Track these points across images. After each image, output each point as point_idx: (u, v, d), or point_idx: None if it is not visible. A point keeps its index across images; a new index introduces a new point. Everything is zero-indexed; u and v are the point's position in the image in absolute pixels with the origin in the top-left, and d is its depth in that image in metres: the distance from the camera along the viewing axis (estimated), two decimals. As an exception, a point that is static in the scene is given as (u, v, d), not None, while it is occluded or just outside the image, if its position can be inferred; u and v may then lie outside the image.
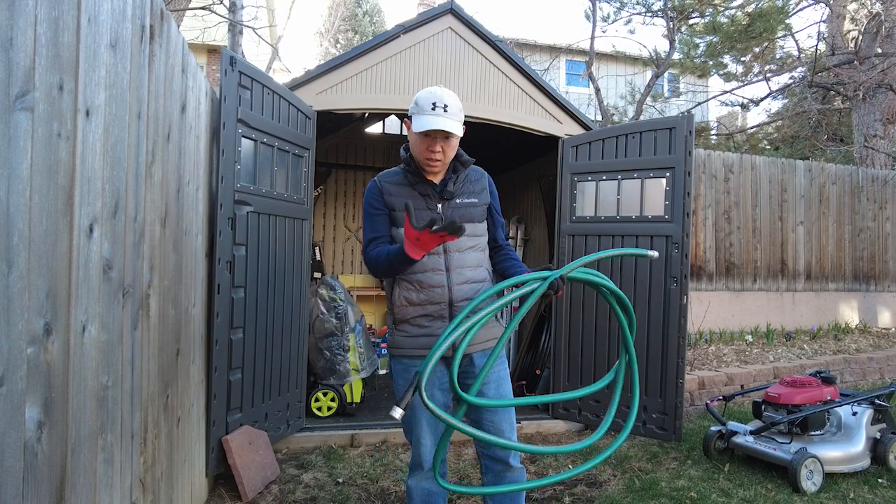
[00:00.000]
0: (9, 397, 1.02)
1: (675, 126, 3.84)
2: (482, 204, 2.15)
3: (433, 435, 2.06)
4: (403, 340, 2.07)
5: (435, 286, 2.02)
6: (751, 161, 6.62)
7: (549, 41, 14.66)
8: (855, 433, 3.39)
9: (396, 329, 2.09)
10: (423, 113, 1.94)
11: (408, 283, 2.04)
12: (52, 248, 1.16)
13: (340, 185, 6.66)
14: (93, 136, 1.34)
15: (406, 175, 2.09)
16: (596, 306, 4.06)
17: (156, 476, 1.97)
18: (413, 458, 2.12)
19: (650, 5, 9.43)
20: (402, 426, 2.16)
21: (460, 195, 2.09)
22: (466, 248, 2.08)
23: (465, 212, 2.08)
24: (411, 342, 2.05)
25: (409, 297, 2.03)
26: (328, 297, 4.29)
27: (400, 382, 2.09)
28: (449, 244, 2.03)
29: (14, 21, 1.02)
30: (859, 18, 8.98)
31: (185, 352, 2.38)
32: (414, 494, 2.11)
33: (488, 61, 4.25)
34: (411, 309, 2.04)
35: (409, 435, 2.11)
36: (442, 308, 2.03)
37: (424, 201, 2.05)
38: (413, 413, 2.04)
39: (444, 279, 2.03)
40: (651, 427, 3.84)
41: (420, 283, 2.02)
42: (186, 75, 2.24)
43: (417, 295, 2.02)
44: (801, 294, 6.83)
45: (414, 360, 2.04)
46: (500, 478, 2.11)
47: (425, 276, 2.02)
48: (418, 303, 2.03)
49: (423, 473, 2.10)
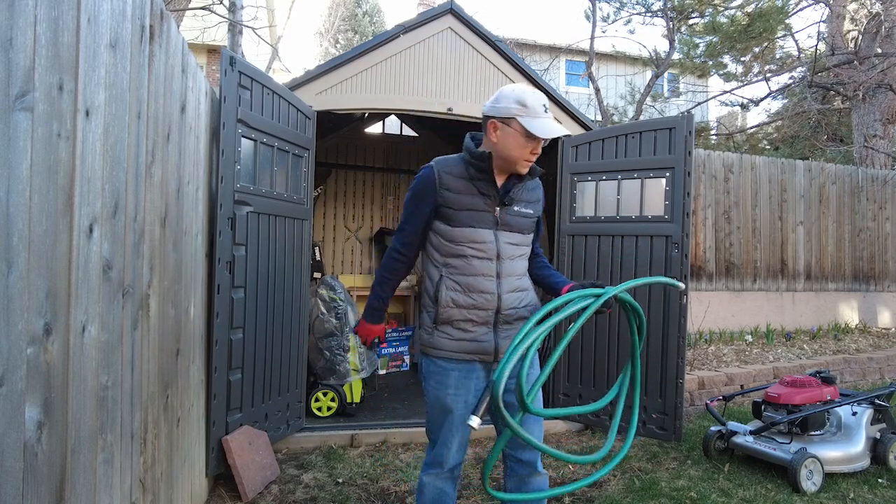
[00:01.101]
0: (8, 397, 1.02)
1: (675, 126, 3.84)
2: (535, 215, 2.11)
3: (461, 438, 2.04)
4: (445, 342, 2.00)
5: (485, 292, 1.97)
6: (751, 161, 6.62)
7: (548, 41, 14.66)
8: (855, 433, 3.39)
9: (437, 329, 2.01)
10: (539, 116, 1.90)
11: (456, 285, 1.98)
12: (51, 248, 1.16)
13: (340, 185, 6.66)
14: (93, 136, 1.34)
15: (469, 168, 1.99)
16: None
17: (156, 476, 1.97)
18: (434, 456, 2.07)
19: (650, 5, 9.43)
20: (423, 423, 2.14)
21: (518, 203, 2.03)
22: (517, 256, 2.05)
23: (519, 221, 2.04)
24: (453, 345, 1.99)
25: (455, 299, 1.97)
26: (328, 297, 4.29)
27: (432, 384, 2.03)
28: (501, 251, 1.99)
29: (14, 21, 1.02)
30: (859, 18, 8.98)
31: (184, 352, 2.38)
32: (426, 491, 2.07)
33: (488, 61, 4.25)
34: (456, 311, 1.97)
35: (435, 433, 2.07)
36: (489, 315, 1.99)
37: (483, 201, 1.98)
38: (444, 412, 2.01)
39: (494, 286, 1.98)
40: (651, 427, 3.84)
41: (469, 286, 1.97)
42: (186, 75, 2.24)
43: (465, 298, 1.97)
44: (800, 294, 6.83)
45: (451, 362, 1.99)
46: (524, 482, 2.11)
47: (476, 280, 1.97)
48: (465, 306, 1.97)
49: (442, 473, 2.06)
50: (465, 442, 2.06)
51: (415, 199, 2.02)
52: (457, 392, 1.99)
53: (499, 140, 1.94)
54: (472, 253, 1.97)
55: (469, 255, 1.97)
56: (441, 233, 2.00)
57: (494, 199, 1.99)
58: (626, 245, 3.97)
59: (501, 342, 2.01)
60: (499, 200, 2.00)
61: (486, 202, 1.98)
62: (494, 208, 1.99)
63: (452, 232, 1.97)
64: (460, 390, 2.00)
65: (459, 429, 2.01)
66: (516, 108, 1.90)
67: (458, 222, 1.96)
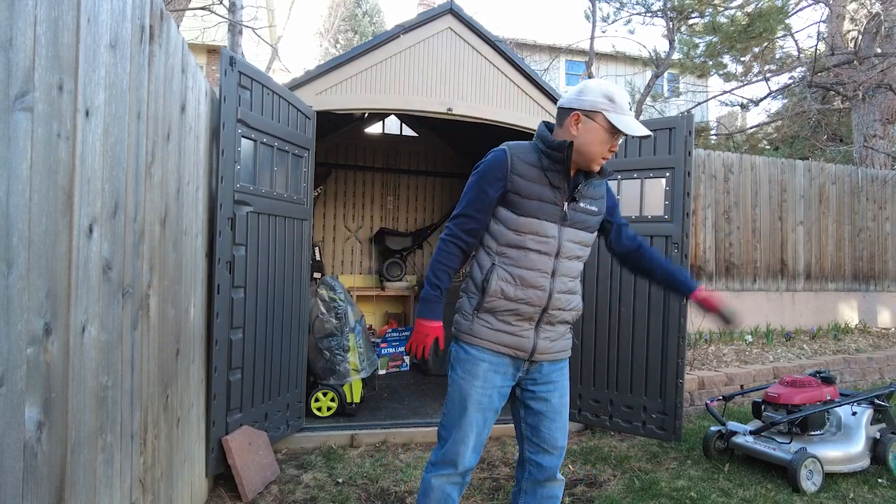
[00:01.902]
0: (8, 397, 1.02)
1: (675, 126, 3.84)
2: (600, 213, 2.04)
3: (478, 436, 1.95)
4: (484, 331, 1.92)
5: (537, 288, 1.90)
6: (750, 161, 6.62)
7: (548, 41, 14.67)
8: (855, 433, 3.39)
9: (477, 316, 1.93)
10: (625, 112, 1.86)
11: (508, 276, 1.89)
12: (51, 248, 1.16)
13: (340, 185, 6.66)
14: (92, 137, 1.34)
15: (542, 158, 1.90)
16: (595, 304, 4.06)
17: (155, 476, 1.97)
18: (446, 453, 1.96)
19: (650, 5, 9.43)
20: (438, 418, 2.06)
21: (585, 199, 1.96)
22: (575, 256, 1.97)
23: (585, 219, 1.97)
24: (492, 335, 1.92)
25: (506, 291, 1.89)
26: (328, 297, 4.29)
27: (459, 372, 1.95)
28: (562, 248, 1.92)
29: (14, 21, 1.02)
30: (859, 18, 8.98)
31: (184, 352, 2.38)
32: (433, 494, 1.97)
33: (488, 61, 4.25)
34: (503, 302, 1.90)
35: (449, 428, 1.96)
36: (536, 311, 1.92)
37: (553, 194, 1.90)
38: (464, 404, 1.93)
39: (547, 283, 1.91)
40: (651, 427, 3.84)
41: (522, 279, 1.89)
42: (186, 75, 2.24)
43: (516, 291, 1.89)
44: (800, 294, 6.83)
45: (484, 352, 1.93)
46: (540, 485, 2.05)
47: (531, 274, 1.89)
48: (514, 298, 1.89)
49: (454, 475, 1.96)
50: (481, 444, 1.98)
51: (483, 180, 1.90)
52: (483, 385, 1.93)
53: (580, 133, 1.87)
54: (533, 245, 1.89)
55: (529, 248, 1.89)
56: (503, 220, 1.91)
57: (564, 193, 1.91)
58: (625, 245, 3.97)
59: (541, 342, 1.95)
60: (568, 195, 1.92)
61: (555, 195, 1.90)
62: (563, 203, 1.91)
63: (518, 220, 1.88)
64: (487, 384, 1.93)
65: (478, 425, 1.94)
66: (604, 102, 1.85)
67: (525, 211, 1.88)
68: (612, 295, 4.00)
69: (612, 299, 4.01)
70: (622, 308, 3.96)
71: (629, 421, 3.91)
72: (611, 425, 4.01)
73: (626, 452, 3.72)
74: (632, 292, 3.91)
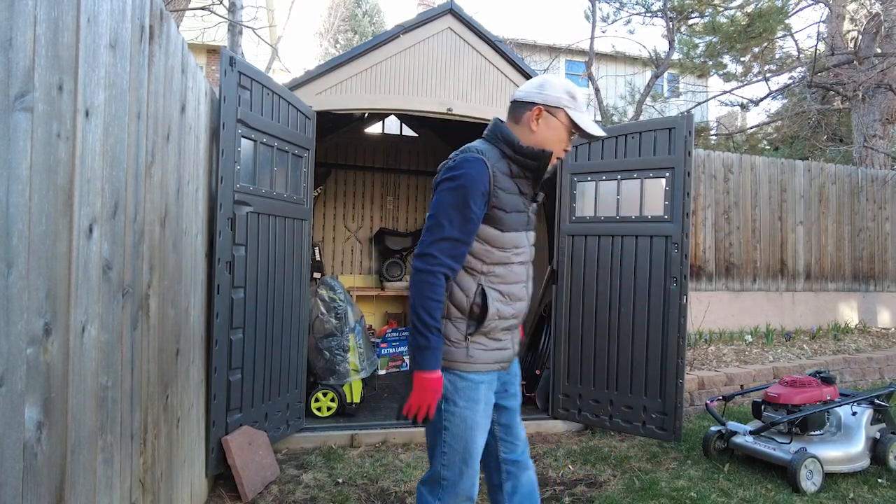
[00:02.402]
0: (8, 397, 1.02)
1: (675, 126, 3.84)
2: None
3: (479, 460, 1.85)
4: (481, 354, 1.79)
5: (522, 299, 1.84)
6: (750, 161, 6.62)
7: (548, 41, 14.66)
8: (854, 433, 3.39)
9: (472, 341, 1.76)
10: (584, 111, 1.80)
11: (500, 295, 1.77)
12: (51, 248, 1.16)
13: (340, 185, 6.66)
14: (92, 137, 1.34)
15: (510, 165, 1.76)
16: (595, 304, 4.06)
17: (155, 476, 1.97)
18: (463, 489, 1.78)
19: (650, 5, 9.44)
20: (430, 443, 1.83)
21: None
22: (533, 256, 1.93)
23: (533, 217, 1.91)
24: (488, 356, 1.81)
25: (501, 311, 1.78)
26: (328, 297, 4.29)
27: (461, 403, 1.75)
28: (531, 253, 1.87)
29: (13, 21, 1.02)
30: (859, 18, 8.97)
31: (184, 352, 2.38)
32: None
33: (488, 61, 4.25)
34: (498, 322, 1.79)
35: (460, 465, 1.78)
36: (518, 322, 1.86)
37: (522, 201, 1.81)
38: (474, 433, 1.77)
39: (526, 292, 1.85)
40: (651, 427, 3.84)
41: (511, 295, 1.80)
42: (186, 75, 2.24)
43: (507, 308, 1.80)
44: (800, 294, 6.83)
45: (481, 374, 1.79)
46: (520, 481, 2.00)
47: (517, 287, 1.81)
48: (507, 316, 1.80)
49: None
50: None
51: (468, 197, 1.66)
52: (486, 406, 1.82)
53: (539, 129, 1.77)
54: (516, 259, 1.81)
55: (513, 262, 1.80)
56: (489, 239, 1.74)
57: (529, 195, 1.83)
58: (625, 245, 3.97)
59: (516, 346, 1.93)
60: (531, 197, 1.85)
61: (524, 202, 1.81)
62: (529, 206, 1.85)
63: (503, 237, 1.75)
64: (488, 404, 1.84)
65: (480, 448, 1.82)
66: (567, 99, 1.77)
67: (508, 226, 1.76)
68: (612, 295, 4.01)
69: (611, 299, 4.01)
70: (622, 308, 3.96)
71: (629, 421, 3.91)
72: (611, 425, 4.01)
73: (626, 452, 3.72)
74: (631, 292, 3.91)
